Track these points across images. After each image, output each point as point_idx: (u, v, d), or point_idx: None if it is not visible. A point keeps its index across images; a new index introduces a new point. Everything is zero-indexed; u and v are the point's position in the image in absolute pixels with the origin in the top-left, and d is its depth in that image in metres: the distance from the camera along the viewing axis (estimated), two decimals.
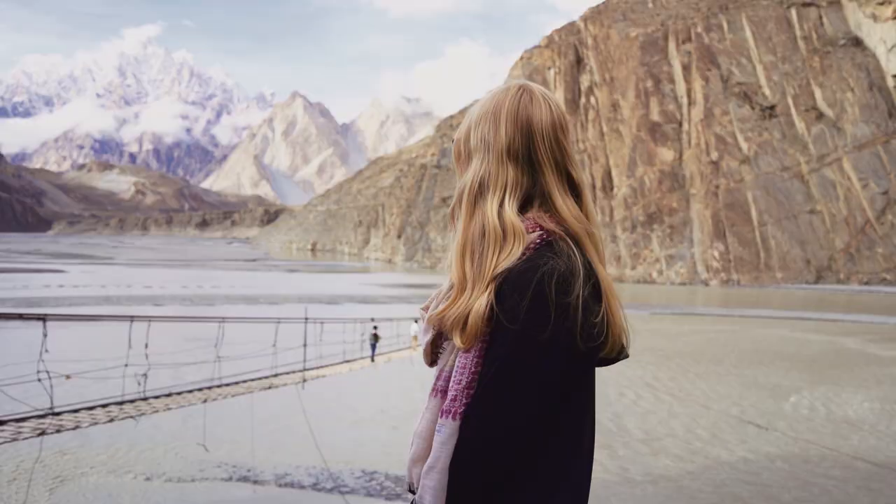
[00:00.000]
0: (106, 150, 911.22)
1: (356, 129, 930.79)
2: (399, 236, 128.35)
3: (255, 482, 13.65)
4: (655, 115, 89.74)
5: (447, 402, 1.29)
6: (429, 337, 1.37)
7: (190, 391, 13.01)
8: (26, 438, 11.33)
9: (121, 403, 12.84)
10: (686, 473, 13.14)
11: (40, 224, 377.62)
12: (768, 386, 21.70)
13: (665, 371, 24.13)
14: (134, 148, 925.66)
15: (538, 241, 1.30)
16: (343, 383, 21.64)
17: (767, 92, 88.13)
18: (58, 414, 12.58)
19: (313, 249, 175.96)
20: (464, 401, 1.25)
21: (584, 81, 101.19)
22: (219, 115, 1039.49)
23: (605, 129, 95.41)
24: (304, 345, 18.43)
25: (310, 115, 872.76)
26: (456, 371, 1.29)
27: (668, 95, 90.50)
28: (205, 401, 12.74)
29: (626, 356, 1.39)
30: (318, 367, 20.08)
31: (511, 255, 1.27)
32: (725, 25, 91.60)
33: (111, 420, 12.12)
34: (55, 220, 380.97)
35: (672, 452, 14.41)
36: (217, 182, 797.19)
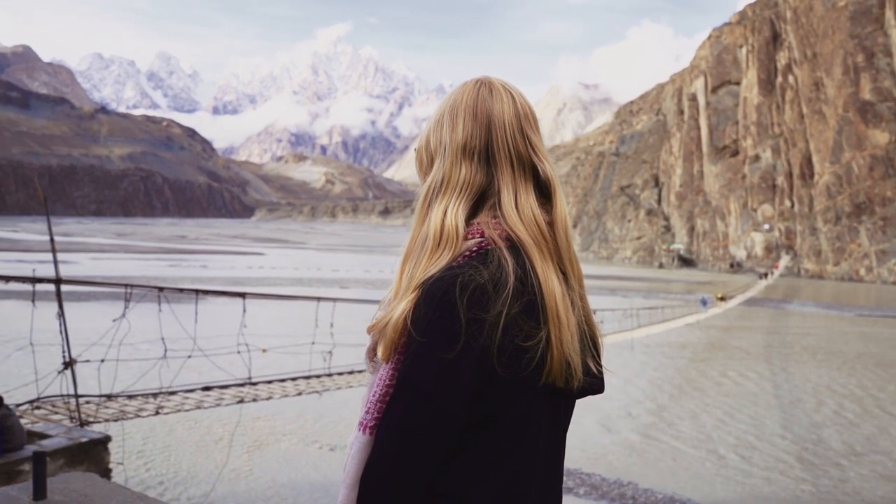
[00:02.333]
0: (300, 142, 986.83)
1: None
2: (575, 226, 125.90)
3: None
4: (867, 94, 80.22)
5: (362, 414, 1.19)
6: (368, 345, 1.25)
7: None
8: (228, 405, 12.39)
9: (308, 378, 13.65)
10: None
11: (245, 211, 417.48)
12: None
13: (875, 381, 21.48)
14: (325, 140, 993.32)
15: (474, 248, 1.18)
16: None
17: None
18: (254, 384, 13.64)
19: None
20: (375, 414, 1.16)
21: (782, 59, 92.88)
22: (401, 107, 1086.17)
23: (805, 110, 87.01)
24: None
25: None
26: (374, 383, 1.19)
27: (884, 70, 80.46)
28: None
29: (595, 392, 1.24)
30: None
31: (438, 262, 1.16)
32: None
33: (299, 393, 12.92)
34: (257, 208, 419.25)
35: (887, 474, 12.70)
36: (398, 172, 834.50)
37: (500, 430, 1.14)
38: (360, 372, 13.33)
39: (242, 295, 13.43)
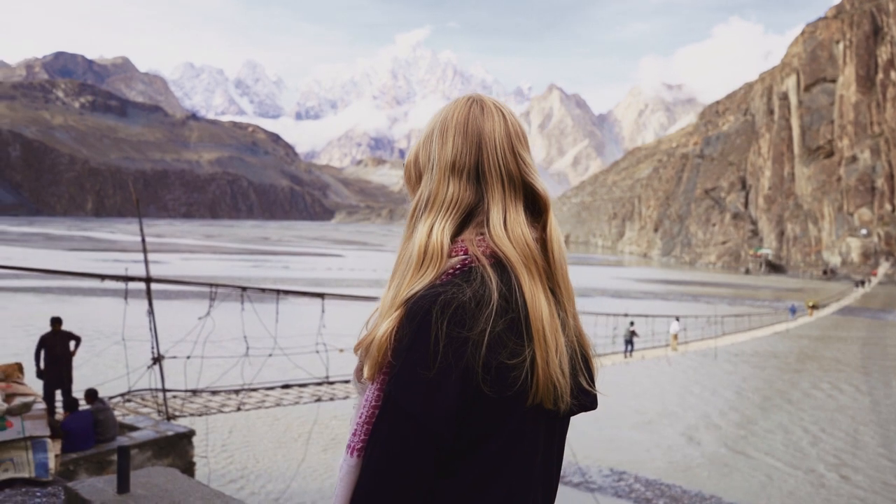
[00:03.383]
0: (379, 146, 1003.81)
1: (613, 119, 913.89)
2: (656, 230, 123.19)
3: None
4: None
5: (349, 436, 1.17)
6: (356, 365, 1.22)
7: None
8: (306, 403, 12.59)
9: None
10: None
11: (325, 213, 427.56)
12: None
13: None
14: (403, 144, 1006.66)
15: (458, 266, 1.17)
16: None
17: None
18: (332, 383, 13.82)
19: (566, 241, 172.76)
20: (362, 436, 1.14)
21: (883, 54, 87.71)
22: None
23: None
24: None
25: (566, 107, 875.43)
26: (360, 404, 1.17)
27: None
28: None
29: (588, 409, 1.23)
30: None
31: (422, 280, 1.15)
32: None
33: None
34: (337, 210, 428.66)
35: None
36: None
37: (489, 452, 1.12)
38: None
39: (321, 296, 13.64)
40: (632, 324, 22.91)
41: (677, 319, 25.01)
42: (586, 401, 1.22)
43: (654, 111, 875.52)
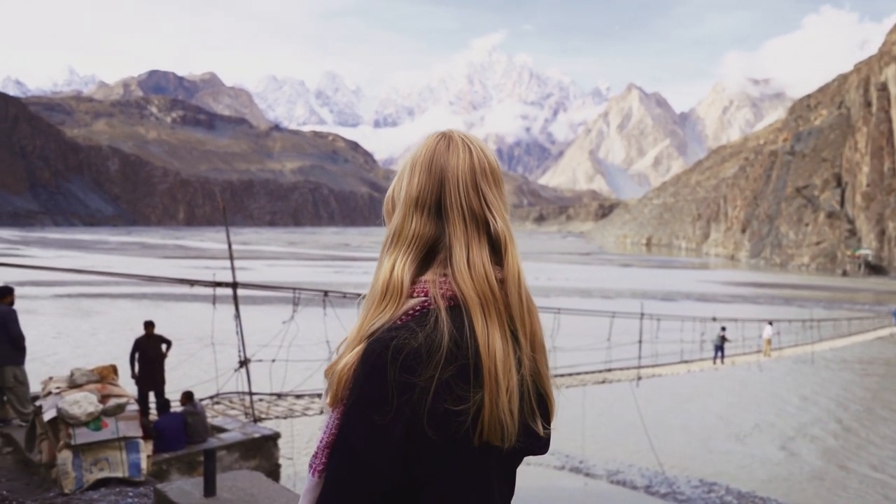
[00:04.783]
0: None
1: (695, 117, 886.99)
2: (743, 230, 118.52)
3: (587, 475, 13.45)
4: None
5: (311, 456, 1.21)
6: (327, 386, 1.24)
7: None
8: None
9: None
10: None
11: None
12: None
13: None
14: None
15: (417, 308, 1.18)
16: (680, 384, 20.36)
17: None
18: None
19: (648, 244, 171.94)
20: (322, 459, 1.18)
21: None
22: (555, 113, 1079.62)
23: None
24: (640, 341, 17.70)
25: (645, 106, 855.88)
26: (322, 426, 1.21)
27: None
28: None
29: (536, 453, 1.25)
30: (653, 366, 19.19)
31: (381, 316, 1.18)
32: None
33: None
34: None
35: None
36: (553, 178, 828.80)
37: (437, 491, 1.15)
38: None
39: None
40: (723, 329, 22.03)
41: (770, 324, 23.87)
42: (536, 444, 1.23)
43: (740, 107, 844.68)
